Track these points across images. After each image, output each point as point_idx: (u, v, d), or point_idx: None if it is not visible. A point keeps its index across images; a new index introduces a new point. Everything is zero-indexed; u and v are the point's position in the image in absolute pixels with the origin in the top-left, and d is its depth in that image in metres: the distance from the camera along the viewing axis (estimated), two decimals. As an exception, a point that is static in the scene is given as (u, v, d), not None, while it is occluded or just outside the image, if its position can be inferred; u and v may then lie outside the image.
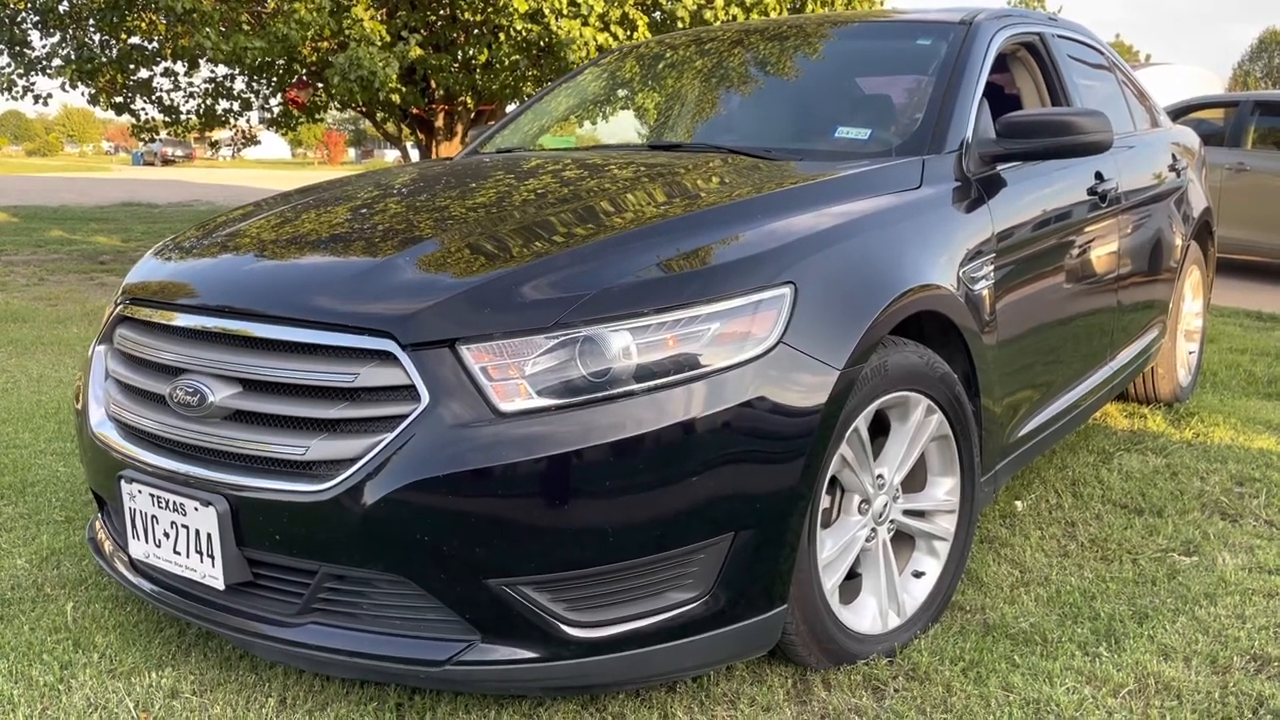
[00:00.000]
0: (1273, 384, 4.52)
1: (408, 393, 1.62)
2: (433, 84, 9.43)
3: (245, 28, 8.36)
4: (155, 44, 9.86)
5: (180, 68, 10.21)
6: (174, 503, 1.79)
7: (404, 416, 1.61)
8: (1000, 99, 3.25)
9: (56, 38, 9.80)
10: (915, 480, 2.16)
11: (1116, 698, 1.88)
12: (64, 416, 3.80)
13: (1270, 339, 5.61)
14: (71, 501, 2.90)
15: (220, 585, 1.76)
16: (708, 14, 8.34)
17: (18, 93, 10.02)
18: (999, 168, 2.50)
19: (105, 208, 16.53)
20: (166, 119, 10.75)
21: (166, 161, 51.09)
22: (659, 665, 1.72)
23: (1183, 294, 3.97)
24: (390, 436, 1.60)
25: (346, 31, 7.99)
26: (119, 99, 10.30)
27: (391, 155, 24.06)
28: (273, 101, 11.12)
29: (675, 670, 1.77)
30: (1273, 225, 7.88)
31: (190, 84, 10.77)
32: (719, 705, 1.86)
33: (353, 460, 1.62)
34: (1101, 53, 3.75)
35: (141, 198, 19.34)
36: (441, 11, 9.00)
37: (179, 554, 1.81)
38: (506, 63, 8.57)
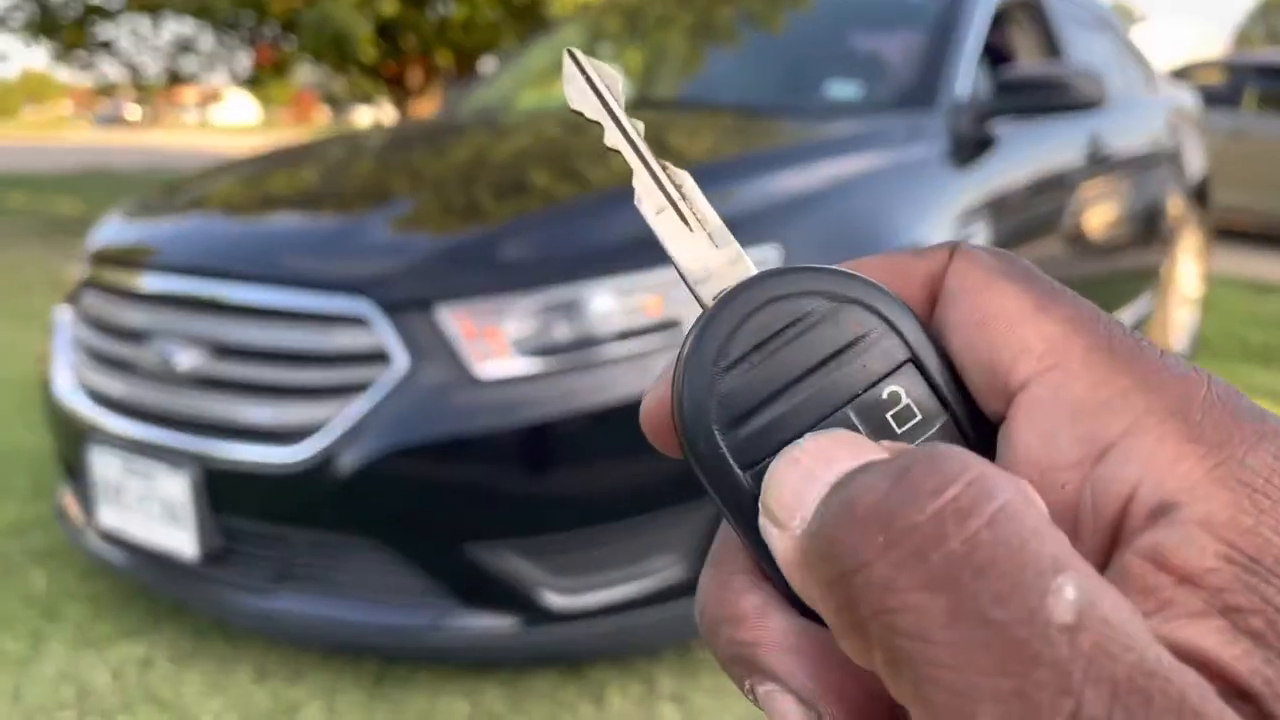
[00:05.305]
0: (1268, 351, 4.52)
1: (385, 356, 1.57)
2: (409, 41, 9.25)
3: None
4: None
5: (145, 22, 9.94)
6: (144, 470, 1.74)
7: (381, 380, 1.56)
8: (996, 57, 3.20)
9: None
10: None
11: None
12: (29, 385, 3.72)
13: (1266, 306, 5.61)
14: (39, 471, 2.84)
15: (192, 554, 1.71)
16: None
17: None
18: (993, 126, 2.46)
19: (68, 173, 16.20)
20: (133, 79, 10.48)
21: (127, 122, 50.07)
22: (641, 632, 1.69)
23: (1178, 259, 3.95)
24: (366, 401, 1.56)
25: (317, -14, 7.80)
26: (82, 53, 10.01)
27: (365, 116, 23.76)
28: (242, 56, 10.85)
29: (658, 637, 1.75)
30: (1270, 190, 7.82)
31: (156, 47, 10.49)
32: (704, 673, 1.84)
33: (328, 425, 1.57)
34: (1099, 11, 3.71)
35: (105, 163, 18.94)
36: (418, -34, 8.80)
37: (150, 523, 1.76)
38: (487, 21, 8.41)
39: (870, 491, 0.18)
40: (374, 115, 14.24)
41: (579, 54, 0.25)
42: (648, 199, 0.25)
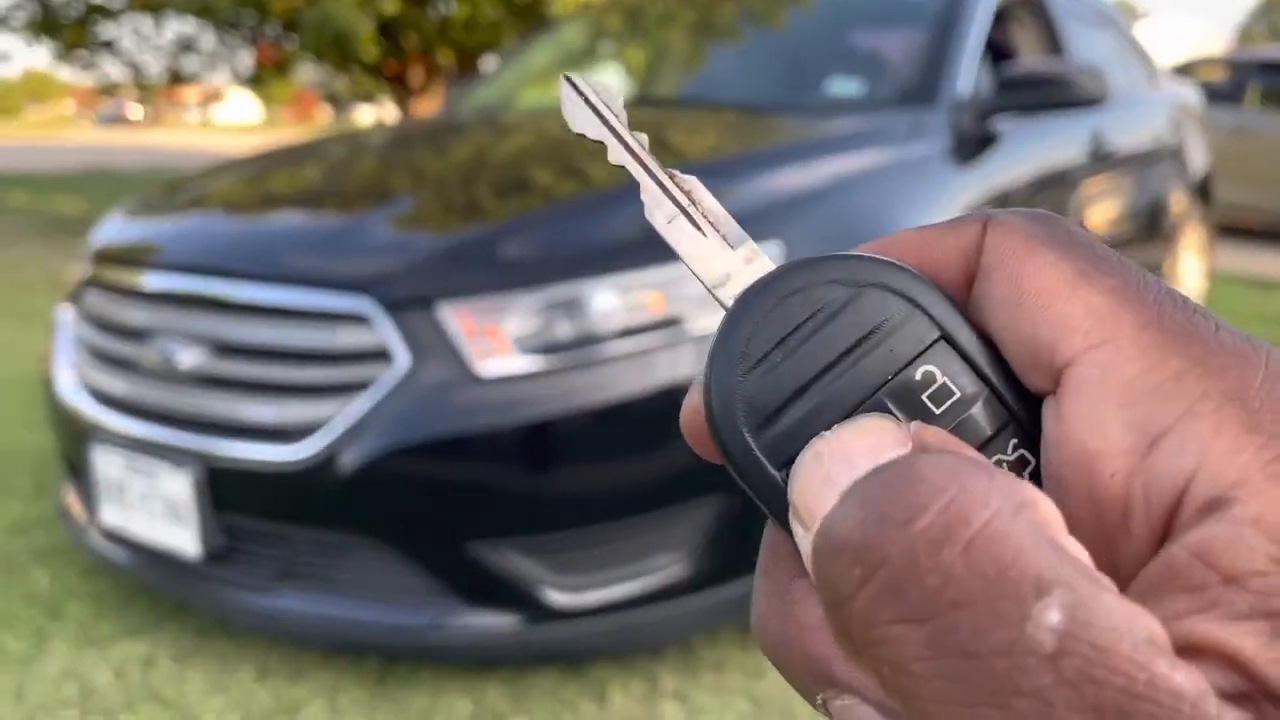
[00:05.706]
0: (1269, 348, 4.51)
1: (386, 354, 1.57)
2: (411, 40, 9.24)
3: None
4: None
5: (147, 21, 9.94)
6: (146, 469, 1.74)
7: (382, 379, 1.56)
8: (998, 54, 3.20)
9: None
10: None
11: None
12: (31, 385, 3.72)
13: (1270, 303, 5.59)
14: (42, 470, 2.84)
15: (195, 553, 1.71)
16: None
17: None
18: (995, 123, 2.46)
19: (70, 172, 16.19)
20: (135, 79, 10.48)
21: (129, 121, 50.09)
22: (644, 630, 1.69)
23: (1180, 255, 3.94)
24: (368, 399, 1.56)
25: (319, -15, 7.79)
26: (83, 54, 10.02)
27: (367, 115, 23.71)
28: (243, 54, 10.85)
29: (660, 635, 1.74)
30: (1273, 186, 7.77)
31: (158, 46, 10.49)
32: (706, 672, 1.84)
33: (330, 424, 1.57)
34: (1101, 8, 3.70)
35: (107, 162, 18.93)
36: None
37: (152, 521, 1.76)
38: (488, 19, 8.41)
39: (844, 521, 0.17)
40: (376, 114, 14.23)
41: (575, 78, 0.25)
42: (658, 210, 0.24)
